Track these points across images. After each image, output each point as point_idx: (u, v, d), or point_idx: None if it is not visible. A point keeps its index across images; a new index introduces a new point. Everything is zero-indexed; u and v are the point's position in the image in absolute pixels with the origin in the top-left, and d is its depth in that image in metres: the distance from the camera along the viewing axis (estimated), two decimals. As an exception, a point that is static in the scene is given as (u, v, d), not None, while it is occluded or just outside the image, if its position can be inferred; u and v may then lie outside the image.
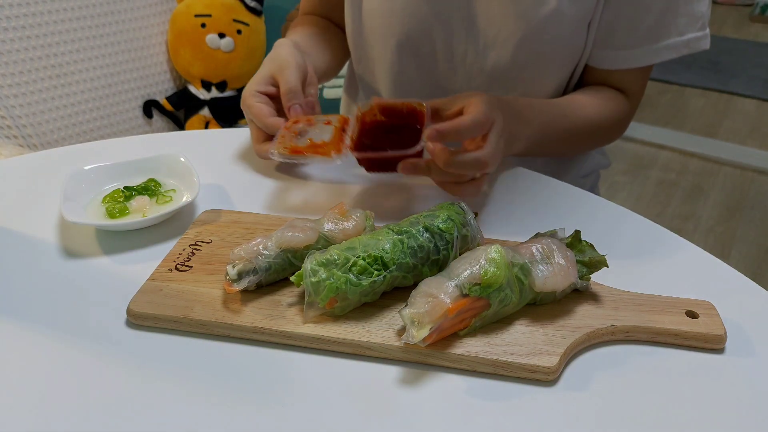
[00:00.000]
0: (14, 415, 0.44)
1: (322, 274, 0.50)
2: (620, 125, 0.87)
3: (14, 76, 1.43)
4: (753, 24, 4.07)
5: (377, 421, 0.44)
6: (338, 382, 0.47)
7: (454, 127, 0.60)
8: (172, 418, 0.44)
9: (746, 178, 2.44)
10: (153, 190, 0.67)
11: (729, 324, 0.52)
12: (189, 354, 0.50)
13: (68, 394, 0.46)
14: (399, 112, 0.67)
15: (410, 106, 0.66)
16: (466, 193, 0.65)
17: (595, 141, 0.88)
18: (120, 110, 1.66)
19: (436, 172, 0.63)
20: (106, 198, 0.65)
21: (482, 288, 0.48)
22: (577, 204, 0.71)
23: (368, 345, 0.49)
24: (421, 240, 0.53)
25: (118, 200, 0.65)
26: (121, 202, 0.65)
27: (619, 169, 2.48)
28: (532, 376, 0.47)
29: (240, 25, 1.71)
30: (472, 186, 0.65)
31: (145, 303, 0.52)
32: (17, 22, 1.42)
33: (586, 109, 0.82)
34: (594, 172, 1.00)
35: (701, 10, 0.77)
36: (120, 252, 0.61)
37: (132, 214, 0.64)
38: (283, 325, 0.50)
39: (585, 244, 0.55)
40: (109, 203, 0.65)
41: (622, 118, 0.85)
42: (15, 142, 1.46)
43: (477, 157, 0.61)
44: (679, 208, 2.27)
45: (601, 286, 0.55)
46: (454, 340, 0.49)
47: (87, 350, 0.50)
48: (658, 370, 0.49)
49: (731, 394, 0.47)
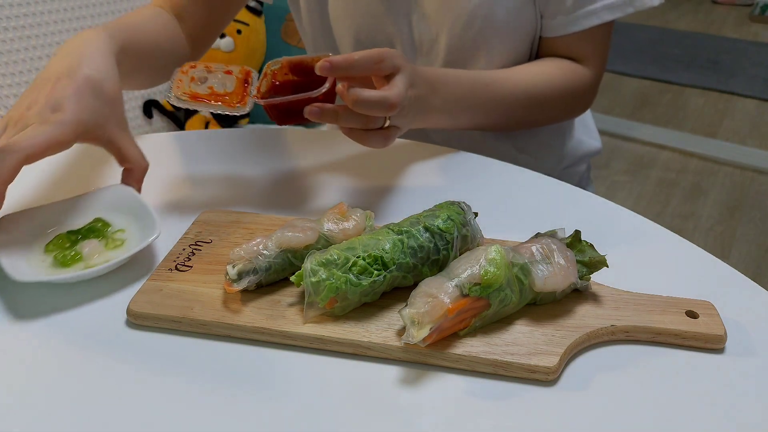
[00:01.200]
0: (14, 415, 0.44)
1: (322, 274, 0.50)
2: (578, 94, 0.85)
3: (14, 76, 1.43)
4: (753, 24, 4.06)
5: (377, 421, 0.44)
6: (338, 382, 0.47)
7: (346, 59, 0.60)
8: (172, 417, 0.44)
9: (746, 177, 2.44)
10: (100, 231, 0.59)
11: (729, 324, 0.52)
12: (189, 354, 0.50)
13: (68, 393, 0.46)
14: (309, 67, 0.65)
15: (318, 59, 0.62)
16: (373, 142, 0.64)
17: (543, 111, 0.85)
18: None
19: (344, 118, 0.62)
20: (49, 246, 0.57)
21: (482, 288, 0.48)
22: (577, 204, 0.71)
23: (368, 345, 0.49)
24: (421, 240, 0.53)
25: (64, 247, 0.57)
26: (68, 248, 0.57)
27: (619, 168, 2.48)
28: (532, 376, 0.47)
29: (240, 25, 1.71)
30: (381, 135, 0.64)
31: (145, 303, 0.52)
32: (17, 22, 1.42)
33: (526, 78, 0.80)
34: (584, 159, 0.98)
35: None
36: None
37: (85, 261, 0.56)
38: (283, 325, 0.50)
39: (585, 244, 0.55)
40: (54, 251, 0.57)
41: (579, 86, 0.83)
42: (15, 142, 1.46)
43: (384, 95, 0.60)
44: (679, 207, 2.27)
45: (601, 286, 0.55)
46: (454, 340, 0.49)
47: (87, 350, 0.50)
48: (658, 370, 0.49)
49: (731, 394, 0.47)
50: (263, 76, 0.66)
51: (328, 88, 0.61)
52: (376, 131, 0.64)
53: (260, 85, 0.65)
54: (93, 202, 0.62)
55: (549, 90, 0.81)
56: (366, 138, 0.64)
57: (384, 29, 0.85)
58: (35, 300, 0.55)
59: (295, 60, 0.66)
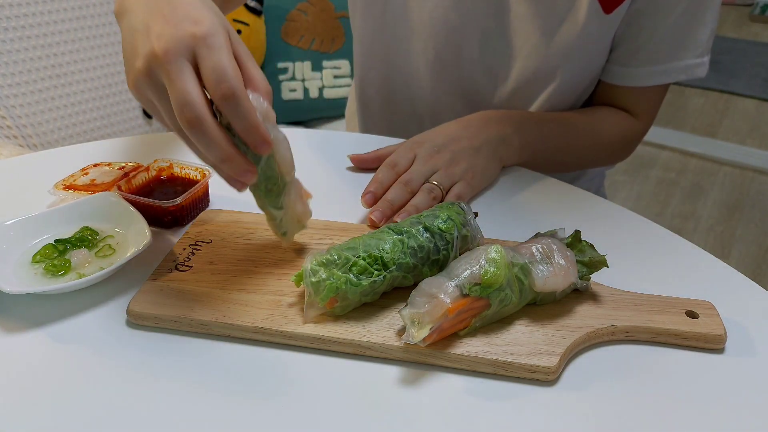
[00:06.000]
0: (14, 415, 0.44)
1: (322, 274, 0.50)
2: (628, 146, 0.89)
3: (14, 76, 1.43)
4: (753, 24, 4.06)
5: (377, 421, 0.44)
6: (338, 382, 0.47)
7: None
8: (172, 417, 0.44)
9: (746, 177, 2.44)
10: (90, 240, 0.59)
11: (729, 324, 0.52)
12: (189, 354, 0.50)
13: (68, 393, 0.46)
14: (180, 178, 0.69)
15: (202, 173, 0.67)
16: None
17: (597, 158, 0.89)
18: (120, 110, 1.66)
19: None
20: (36, 256, 0.57)
21: (482, 288, 0.48)
22: (577, 204, 0.71)
23: (368, 345, 0.49)
24: (421, 240, 0.53)
25: (52, 257, 0.57)
26: (56, 258, 0.57)
27: (619, 168, 2.48)
28: (532, 376, 0.47)
29: (240, 25, 1.71)
30: (452, 195, 0.68)
31: (145, 303, 0.52)
32: (17, 22, 1.42)
33: (590, 125, 0.84)
34: (599, 174, 1.01)
35: (702, 38, 0.79)
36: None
37: (75, 270, 0.56)
38: (283, 325, 0.50)
39: (585, 244, 0.55)
40: (43, 262, 0.56)
41: (629, 138, 0.87)
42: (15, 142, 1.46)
43: (400, 182, 0.67)
44: (679, 207, 2.27)
45: (601, 286, 0.55)
46: (454, 340, 0.49)
47: (87, 350, 0.50)
48: (658, 370, 0.49)
49: (731, 394, 0.47)
50: (144, 170, 0.68)
51: (179, 203, 0.63)
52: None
53: (133, 178, 0.66)
54: (79, 211, 0.61)
55: (608, 138, 0.85)
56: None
57: (461, 44, 0.83)
58: (33, 302, 0.55)
59: (178, 166, 0.69)
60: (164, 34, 0.47)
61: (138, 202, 0.62)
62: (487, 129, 0.74)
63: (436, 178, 0.68)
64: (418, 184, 0.67)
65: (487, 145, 0.73)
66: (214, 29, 0.47)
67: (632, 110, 0.86)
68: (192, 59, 0.47)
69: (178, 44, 0.46)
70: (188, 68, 0.47)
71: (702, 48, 0.80)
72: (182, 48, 0.46)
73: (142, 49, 0.48)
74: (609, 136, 0.85)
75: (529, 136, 0.77)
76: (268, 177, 0.54)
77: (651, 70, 0.80)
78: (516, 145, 0.75)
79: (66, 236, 0.59)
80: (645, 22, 0.78)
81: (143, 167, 0.68)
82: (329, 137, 0.87)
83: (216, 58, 0.47)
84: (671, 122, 2.84)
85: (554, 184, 0.74)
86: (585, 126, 0.83)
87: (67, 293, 0.55)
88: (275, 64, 1.71)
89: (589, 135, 0.84)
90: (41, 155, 0.80)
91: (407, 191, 0.66)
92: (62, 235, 0.59)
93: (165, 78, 0.47)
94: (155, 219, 0.63)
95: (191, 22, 0.47)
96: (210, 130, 0.47)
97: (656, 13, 0.77)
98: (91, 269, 0.56)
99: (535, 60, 0.80)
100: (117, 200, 0.62)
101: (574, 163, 0.88)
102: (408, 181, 0.67)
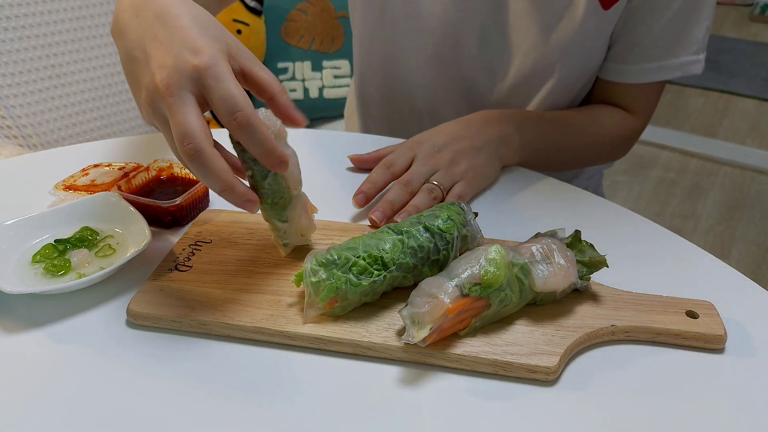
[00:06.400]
0: (14, 415, 0.44)
1: (322, 274, 0.50)
2: (626, 143, 0.89)
3: (14, 76, 1.43)
4: (753, 24, 4.06)
5: (377, 421, 0.44)
6: (338, 382, 0.47)
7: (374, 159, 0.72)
8: (172, 417, 0.44)
9: (746, 177, 2.44)
10: (90, 240, 0.59)
11: (729, 324, 0.52)
12: (189, 354, 0.50)
13: (68, 393, 0.46)
14: (179, 178, 0.69)
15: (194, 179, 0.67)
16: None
17: (595, 156, 0.89)
18: (120, 110, 1.66)
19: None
20: (36, 256, 0.57)
21: (482, 288, 0.48)
22: (577, 204, 0.71)
23: (368, 345, 0.49)
24: (421, 240, 0.53)
25: (52, 257, 0.57)
26: (56, 258, 0.57)
27: (619, 168, 2.48)
28: (532, 376, 0.47)
29: (240, 25, 1.71)
30: (453, 195, 0.68)
31: (145, 303, 0.52)
32: (17, 22, 1.42)
33: (589, 123, 0.84)
34: (597, 172, 1.01)
35: (698, 36, 0.79)
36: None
37: (75, 270, 0.56)
38: (283, 325, 0.50)
39: (585, 244, 0.55)
40: (43, 262, 0.56)
41: (628, 136, 0.87)
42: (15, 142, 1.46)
43: (399, 182, 0.67)
44: (679, 207, 2.27)
45: (601, 286, 0.55)
46: (454, 340, 0.49)
47: (87, 350, 0.50)
48: (658, 370, 0.49)
49: (731, 394, 0.47)
50: (144, 170, 0.68)
51: (179, 203, 0.63)
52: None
53: (133, 178, 0.66)
54: (79, 211, 0.61)
55: (606, 136, 0.85)
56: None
57: (460, 40, 0.83)
58: (33, 302, 0.55)
59: (178, 166, 0.69)
60: (165, 66, 0.47)
61: (138, 202, 0.62)
62: (488, 129, 0.74)
63: (436, 178, 0.68)
64: (419, 184, 0.67)
65: (489, 145, 0.73)
66: (215, 58, 0.47)
67: (629, 108, 0.86)
68: (194, 90, 0.47)
69: (180, 78, 0.46)
70: (190, 100, 0.47)
71: (698, 45, 0.80)
72: (184, 81, 0.46)
73: (144, 80, 0.48)
74: (607, 134, 0.85)
75: (529, 136, 0.77)
76: (275, 191, 0.54)
77: (647, 67, 0.81)
78: (516, 145, 0.76)
79: (66, 236, 0.59)
80: (641, 18, 0.78)
81: (143, 167, 0.68)
82: (329, 137, 0.87)
83: (224, 88, 0.47)
84: (671, 122, 2.84)
85: (554, 184, 0.74)
86: (583, 124, 0.84)
87: (67, 293, 0.55)
88: (275, 64, 1.71)
89: (587, 133, 0.84)
90: (41, 155, 0.80)
91: (407, 191, 0.66)
92: (62, 235, 0.59)
93: (166, 110, 0.47)
94: (155, 219, 0.63)
95: (191, 52, 0.47)
96: (210, 162, 0.47)
97: (652, 10, 0.77)
98: (91, 269, 0.56)
99: (533, 56, 0.80)
100: (117, 200, 0.62)
101: (573, 161, 0.88)
102: (408, 181, 0.67)
